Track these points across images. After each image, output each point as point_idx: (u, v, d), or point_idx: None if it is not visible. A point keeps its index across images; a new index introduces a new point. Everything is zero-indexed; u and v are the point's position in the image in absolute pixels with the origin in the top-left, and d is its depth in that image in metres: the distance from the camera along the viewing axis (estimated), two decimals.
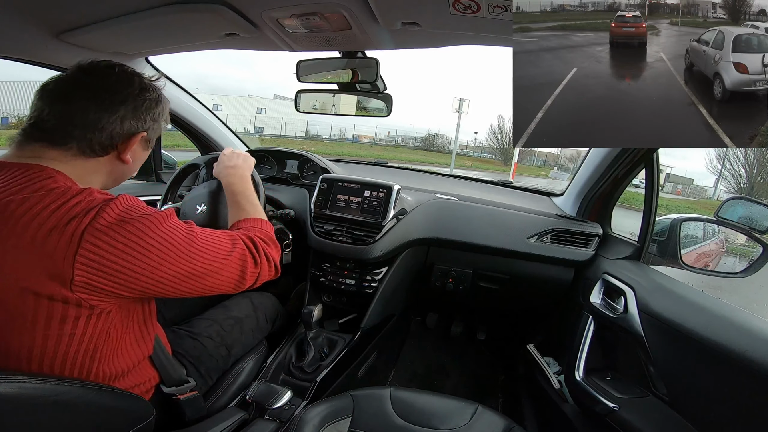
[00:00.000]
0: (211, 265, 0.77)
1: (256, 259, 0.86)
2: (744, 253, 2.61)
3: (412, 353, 2.08)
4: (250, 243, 0.87)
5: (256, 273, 0.86)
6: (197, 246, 0.75)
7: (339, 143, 27.21)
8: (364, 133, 31.10)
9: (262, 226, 0.97)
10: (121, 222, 0.65)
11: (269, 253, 0.91)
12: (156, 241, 0.69)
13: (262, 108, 29.70)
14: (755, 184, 15.25)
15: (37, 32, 1.06)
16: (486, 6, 0.79)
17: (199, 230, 0.79)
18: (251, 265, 0.84)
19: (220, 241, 0.81)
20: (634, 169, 1.42)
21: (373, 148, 27.46)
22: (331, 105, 1.34)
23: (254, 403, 1.06)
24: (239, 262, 0.82)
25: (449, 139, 31.32)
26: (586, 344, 1.24)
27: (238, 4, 0.90)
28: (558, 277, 1.58)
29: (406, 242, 1.51)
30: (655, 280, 1.19)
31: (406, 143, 32.46)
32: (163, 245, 0.70)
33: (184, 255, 0.73)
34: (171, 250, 0.70)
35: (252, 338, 1.22)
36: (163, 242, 0.70)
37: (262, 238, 0.92)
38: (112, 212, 0.65)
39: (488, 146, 31.96)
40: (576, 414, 1.28)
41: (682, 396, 0.97)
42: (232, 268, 0.81)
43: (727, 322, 0.90)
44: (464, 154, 29.82)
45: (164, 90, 0.86)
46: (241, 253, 0.83)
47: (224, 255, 0.80)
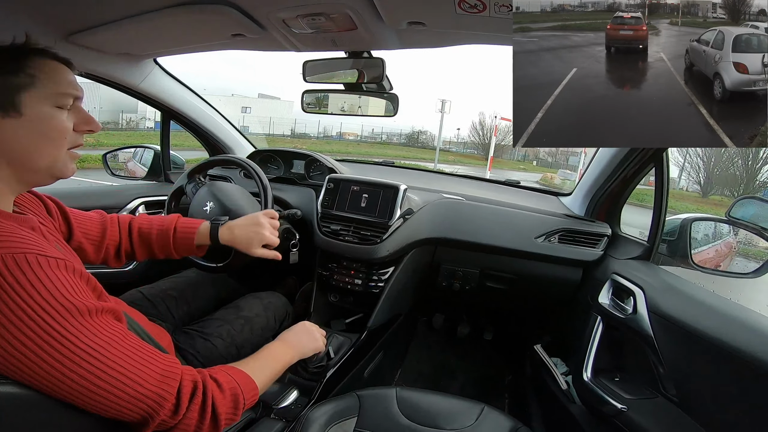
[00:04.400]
0: (108, 381, 0.57)
1: (179, 406, 0.63)
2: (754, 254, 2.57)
3: (419, 353, 2.08)
4: (189, 385, 0.65)
5: (170, 423, 0.63)
6: (109, 352, 0.58)
7: (327, 141, 27.28)
8: (349, 130, 31.20)
9: (242, 383, 0.74)
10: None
11: (217, 405, 0.67)
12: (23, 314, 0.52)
13: (247, 107, 29.65)
14: (712, 175, 17.38)
15: (46, 34, 1.07)
16: (492, 5, 0.78)
17: (125, 342, 0.61)
18: (167, 411, 0.62)
19: (151, 365, 0.62)
20: (644, 168, 1.41)
21: (360, 145, 27.56)
22: (357, 107, 1.33)
23: (261, 403, 1.07)
24: (150, 399, 0.60)
25: (433, 135, 31.70)
26: (594, 345, 1.23)
27: (245, 5, 0.91)
28: (566, 277, 1.57)
29: (412, 242, 1.51)
30: (665, 280, 1.18)
31: (390, 140, 32.57)
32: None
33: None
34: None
35: (261, 338, 1.23)
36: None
37: (221, 386, 0.69)
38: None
39: (470, 142, 32.47)
40: (583, 415, 1.27)
41: (691, 398, 0.96)
42: (139, 401, 0.60)
43: (739, 323, 0.89)
44: (447, 150, 30.11)
45: (167, 90, 0.81)
46: (164, 391, 0.62)
47: (140, 377, 0.60)
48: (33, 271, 0.54)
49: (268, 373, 0.85)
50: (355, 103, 1.33)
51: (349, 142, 28.76)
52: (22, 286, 0.52)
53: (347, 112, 1.35)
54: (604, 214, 1.62)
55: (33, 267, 0.54)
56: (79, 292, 0.58)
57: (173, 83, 1.61)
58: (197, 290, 1.29)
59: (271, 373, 0.86)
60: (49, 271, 0.55)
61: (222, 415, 0.68)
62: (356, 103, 1.32)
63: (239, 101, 30.59)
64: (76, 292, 0.57)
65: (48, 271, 0.55)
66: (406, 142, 32.21)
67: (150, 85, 1.49)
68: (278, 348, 0.93)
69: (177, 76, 1.60)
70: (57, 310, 0.54)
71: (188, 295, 1.25)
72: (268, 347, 0.91)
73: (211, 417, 0.66)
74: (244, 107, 29.55)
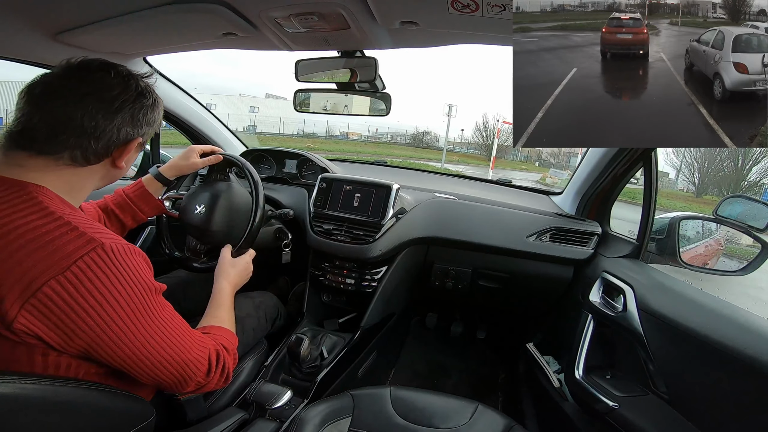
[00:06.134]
0: (167, 351, 0.69)
1: (210, 371, 0.78)
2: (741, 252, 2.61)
3: (412, 352, 2.08)
4: (215, 353, 0.80)
5: (202, 383, 0.78)
6: (169, 326, 0.70)
7: (336, 141, 27.48)
8: (353, 130, 31.35)
9: (230, 338, 0.90)
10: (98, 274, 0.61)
11: (228, 365, 0.83)
12: (125, 302, 0.63)
13: (255, 107, 29.92)
14: (705, 175, 18.18)
15: (34, 32, 1.05)
16: (484, 5, 0.78)
17: (177, 318, 0.74)
18: (201, 374, 0.76)
19: (192, 338, 0.75)
20: (633, 167, 1.43)
21: (367, 144, 27.83)
22: (343, 106, 1.31)
23: (254, 403, 1.06)
24: (193, 364, 0.74)
25: (437, 135, 32.49)
26: (585, 343, 1.24)
27: (236, 3, 0.90)
28: (557, 275, 1.58)
29: (405, 241, 1.51)
30: (654, 278, 1.19)
31: (395, 140, 32.79)
32: (130, 308, 0.64)
33: (148, 323, 0.67)
34: (137, 315, 0.65)
35: (252, 338, 1.22)
36: (132, 306, 0.64)
37: (227, 348, 0.85)
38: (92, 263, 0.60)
39: (474, 143, 32.74)
40: (576, 412, 1.28)
41: (681, 394, 0.98)
42: (185, 367, 0.73)
43: (727, 320, 0.90)
44: (451, 150, 30.50)
45: (158, 89, 0.83)
46: (200, 357, 0.76)
47: (187, 349, 0.73)
48: (130, 258, 0.65)
49: (233, 316, 1.00)
50: (339, 102, 1.31)
51: (356, 142, 28.88)
52: (125, 269, 0.63)
53: (330, 111, 1.34)
54: (594, 212, 1.64)
55: (128, 254, 0.65)
56: (151, 275, 0.70)
57: (163, 82, 1.59)
58: (188, 290, 1.28)
59: (233, 314, 1.01)
60: (135, 257, 0.66)
61: (231, 371, 0.84)
62: (341, 102, 1.31)
63: (247, 101, 30.78)
64: (150, 274, 0.69)
65: (136, 258, 0.66)
66: (410, 142, 32.39)
67: None
68: (229, 291, 1.05)
69: (177, 77, 1.59)
70: (145, 290, 0.66)
71: (179, 295, 1.24)
72: (222, 292, 1.03)
73: (226, 375, 0.82)
74: (252, 107, 29.76)
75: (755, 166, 16.15)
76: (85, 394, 0.64)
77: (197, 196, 1.23)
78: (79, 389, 0.63)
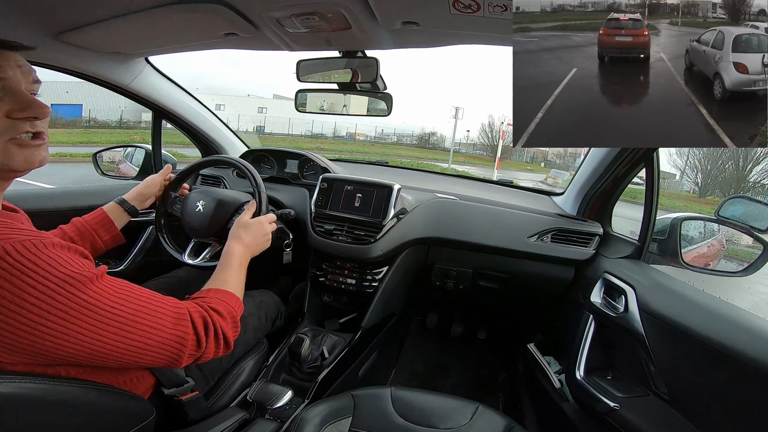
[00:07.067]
0: (130, 338, 0.64)
1: (200, 341, 0.74)
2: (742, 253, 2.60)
3: (413, 352, 2.08)
4: (200, 321, 0.75)
5: (196, 355, 0.75)
6: (122, 312, 0.63)
7: (343, 141, 27.79)
8: (359, 131, 31.60)
9: (228, 301, 0.85)
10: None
11: (222, 331, 0.79)
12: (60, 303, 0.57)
13: (263, 108, 30.12)
14: (709, 175, 18.86)
15: (36, 32, 1.06)
16: (486, 5, 0.78)
17: (133, 300, 0.66)
18: (191, 346, 0.72)
19: (162, 315, 0.69)
20: (635, 167, 1.42)
21: (374, 145, 28.13)
22: (341, 106, 1.31)
23: (255, 403, 1.06)
24: (172, 340, 0.70)
25: (443, 136, 33.10)
26: (586, 343, 1.24)
27: (237, 4, 0.90)
28: (558, 276, 1.58)
29: (406, 242, 1.51)
30: (656, 279, 1.19)
31: (401, 141, 33.06)
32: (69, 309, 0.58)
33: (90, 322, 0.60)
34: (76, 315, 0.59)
35: (253, 337, 1.23)
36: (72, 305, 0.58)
37: (220, 312, 0.81)
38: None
39: (479, 143, 33.03)
40: (576, 413, 1.28)
41: (682, 395, 0.97)
42: (164, 347, 0.69)
43: (727, 321, 0.90)
44: (457, 151, 30.90)
45: (159, 88, 0.81)
46: (182, 332, 0.71)
47: (158, 327, 0.68)
48: (34, 255, 0.56)
49: (241, 281, 0.95)
50: (337, 102, 1.31)
51: (363, 142, 29.07)
52: (30, 269, 0.55)
53: (327, 111, 1.34)
54: (595, 213, 1.64)
55: (32, 251, 0.56)
56: (78, 264, 0.61)
57: (165, 82, 1.59)
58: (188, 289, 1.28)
59: (243, 280, 0.96)
60: (46, 251, 0.58)
61: (230, 338, 0.81)
62: (339, 102, 1.30)
63: (255, 102, 31.01)
64: (75, 264, 0.61)
65: (47, 251, 0.58)
66: (417, 143, 32.64)
67: (141, 84, 1.47)
68: (241, 253, 1.00)
69: (184, 78, 1.59)
70: (68, 283, 0.58)
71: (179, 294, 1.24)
72: (230, 254, 0.98)
73: (223, 342, 0.79)
74: (260, 107, 30.02)
75: (756, 166, 16.45)
76: (84, 393, 0.64)
77: (199, 195, 1.25)
78: (79, 389, 0.63)
